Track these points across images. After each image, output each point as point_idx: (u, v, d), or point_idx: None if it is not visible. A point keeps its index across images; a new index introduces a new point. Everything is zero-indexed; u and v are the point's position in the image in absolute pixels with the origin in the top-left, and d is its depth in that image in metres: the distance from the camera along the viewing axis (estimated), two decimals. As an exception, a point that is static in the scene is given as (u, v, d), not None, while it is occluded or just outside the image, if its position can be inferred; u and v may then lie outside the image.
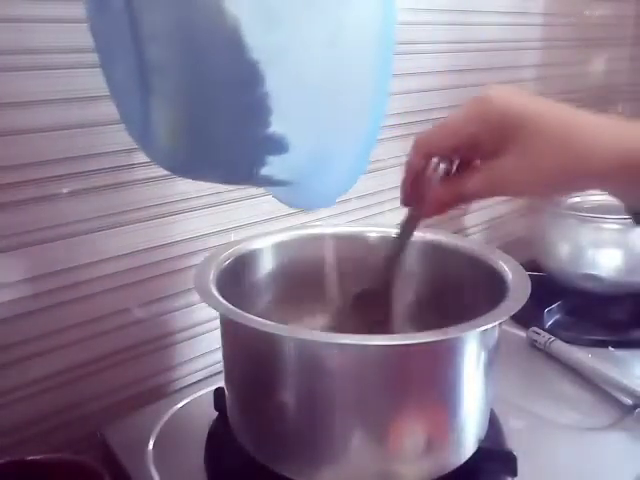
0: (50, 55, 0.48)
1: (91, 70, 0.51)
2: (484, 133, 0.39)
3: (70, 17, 0.49)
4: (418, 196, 0.42)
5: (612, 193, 0.40)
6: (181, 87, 0.35)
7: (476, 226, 0.96)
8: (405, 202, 0.44)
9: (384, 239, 0.58)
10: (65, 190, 0.51)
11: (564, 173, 0.37)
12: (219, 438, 0.53)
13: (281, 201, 0.50)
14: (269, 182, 0.41)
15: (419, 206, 0.43)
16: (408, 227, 0.45)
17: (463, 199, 0.42)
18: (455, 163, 0.42)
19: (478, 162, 0.40)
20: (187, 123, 0.36)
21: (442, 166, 0.41)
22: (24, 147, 0.49)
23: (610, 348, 0.70)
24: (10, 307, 0.51)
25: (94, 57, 0.51)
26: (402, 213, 0.45)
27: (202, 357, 0.66)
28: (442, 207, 0.43)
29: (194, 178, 0.51)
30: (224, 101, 0.34)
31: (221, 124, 0.36)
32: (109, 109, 0.52)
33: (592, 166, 0.37)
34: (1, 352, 0.52)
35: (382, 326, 0.50)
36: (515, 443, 0.52)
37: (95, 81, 0.51)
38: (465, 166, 0.41)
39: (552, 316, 0.77)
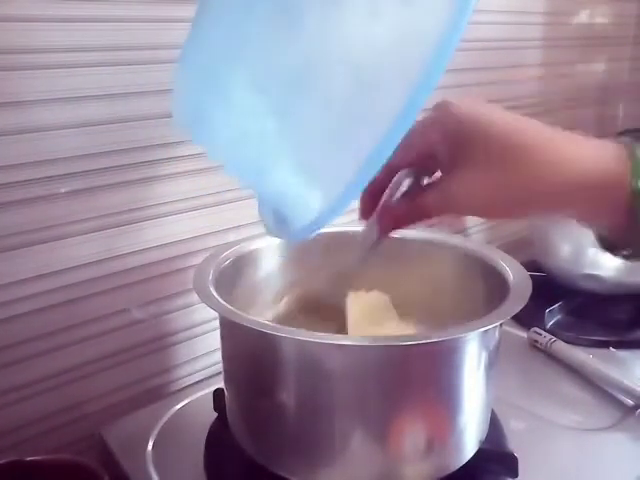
0: (49, 54, 0.48)
1: (90, 69, 0.51)
2: (441, 140, 0.36)
3: (70, 17, 0.49)
4: (378, 211, 0.40)
5: (575, 219, 0.37)
6: None
7: (477, 226, 0.96)
8: (362, 215, 0.42)
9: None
10: (63, 190, 0.51)
11: (512, 195, 0.34)
12: (218, 439, 0.53)
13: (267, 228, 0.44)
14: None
15: (378, 221, 0.41)
16: (367, 241, 0.43)
17: (421, 216, 0.38)
18: (425, 177, 0.39)
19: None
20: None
21: (407, 180, 0.38)
22: (23, 146, 0.49)
23: (611, 348, 0.70)
24: (9, 307, 0.51)
25: (93, 56, 0.51)
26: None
27: (201, 358, 0.66)
28: (397, 224, 0.40)
29: None
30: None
31: None
32: (109, 109, 0.52)
33: (540, 188, 0.34)
34: (1, 352, 0.52)
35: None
36: (516, 444, 0.52)
37: (94, 80, 0.51)
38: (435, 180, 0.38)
39: (553, 316, 0.77)
